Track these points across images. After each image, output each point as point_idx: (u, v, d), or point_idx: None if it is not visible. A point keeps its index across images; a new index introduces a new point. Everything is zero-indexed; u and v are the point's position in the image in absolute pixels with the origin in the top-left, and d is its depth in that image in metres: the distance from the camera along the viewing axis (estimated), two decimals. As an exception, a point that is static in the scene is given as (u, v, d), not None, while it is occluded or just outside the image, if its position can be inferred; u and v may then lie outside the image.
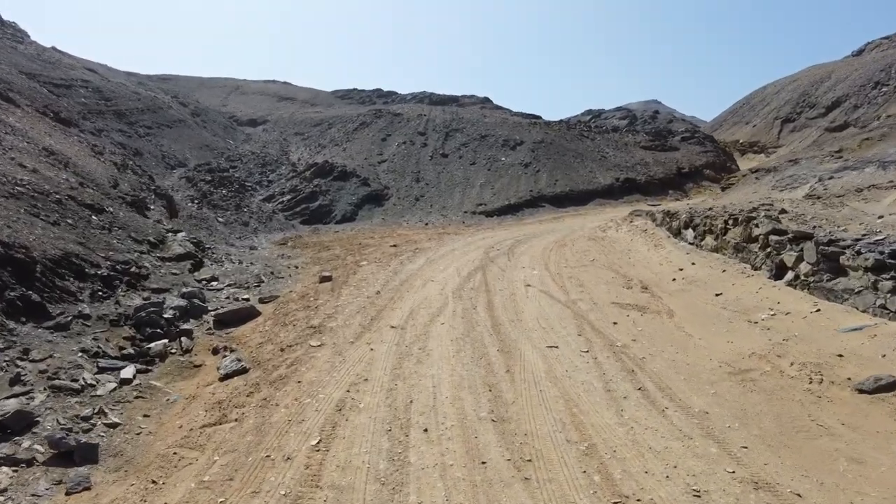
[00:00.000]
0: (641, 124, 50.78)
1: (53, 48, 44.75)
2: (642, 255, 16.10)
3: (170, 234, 16.30)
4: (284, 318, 10.98)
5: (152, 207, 21.42)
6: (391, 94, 51.11)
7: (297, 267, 16.87)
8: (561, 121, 42.62)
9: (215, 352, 9.63)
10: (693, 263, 14.40)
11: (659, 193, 31.65)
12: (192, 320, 11.41)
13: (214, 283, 14.17)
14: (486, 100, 45.67)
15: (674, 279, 13.36)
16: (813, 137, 41.59)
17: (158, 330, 9.89)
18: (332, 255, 18.71)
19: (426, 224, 27.20)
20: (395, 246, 19.50)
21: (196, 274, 14.63)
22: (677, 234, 16.98)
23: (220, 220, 25.98)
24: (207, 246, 19.39)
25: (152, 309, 10.31)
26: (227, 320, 11.23)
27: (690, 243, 16.05)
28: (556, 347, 8.93)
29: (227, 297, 13.16)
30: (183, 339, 9.78)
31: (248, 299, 13.09)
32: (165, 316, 10.40)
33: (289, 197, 29.35)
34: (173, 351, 9.43)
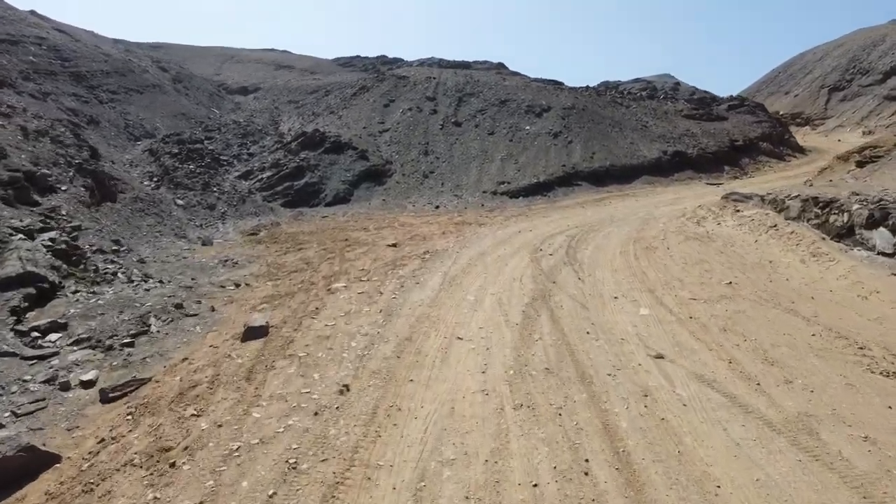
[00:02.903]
0: (664, 95, 42.75)
1: (32, 12, 36.90)
2: (806, 275, 8.72)
3: (18, 235, 8.96)
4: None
5: (63, 189, 14.23)
6: (396, 60, 42.98)
7: (234, 287, 9.56)
8: (587, 87, 34.79)
9: None
10: (943, 300, 7.06)
11: (713, 170, 24.12)
12: None
13: (52, 339, 6.87)
14: (501, 65, 37.64)
15: (944, 342, 6.04)
16: (870, 107, 33.69)
17: None
18: (301, 260, 11.38)
19: (437, 207, 19.79)
20: (394, 246, 12.13)
21: (28, 316, 7.34)
22: (844, 235, 9.60)
23: (178, 202, 18.65)
24: (119, 249, 12.14)
25: None
26: (-49, 494, 4.03)
27: (888, 255, 8.68)
28: None
29: (49, 380, 5.90)
30: None
31: (90, 383, 5.84)
32: None
33: (269, 173, 21.89)
34: None
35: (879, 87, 34.07)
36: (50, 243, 9.09)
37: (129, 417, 4.90)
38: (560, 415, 4.65)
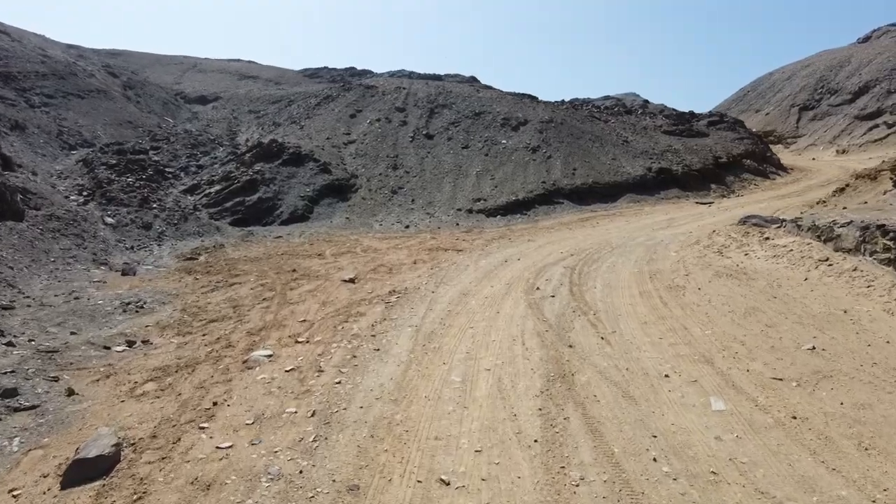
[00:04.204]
0: (641, 111, 40.91)
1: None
2: (910, 334, 6.17)
3: None
4: None
5: (-62, 204, 11.02)
6: (366, 72, 40.06)
7: (125, 348, 6.54)
8: (563, 101, 32.66)
9: None
10: None
11: (699, 188, 21.94)
12: None
13: None
14: (473, 79, 35.20)
15: None
16: (841, 126, 32.28)
17: None
18: (229, 302, 8.39)
19: (406, 227, 17.00)
20: (352, 282, 9.23)
21: None
22: (932, 274, 7.14)
23: (107, 220, 15.42)
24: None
25: None
26: None
27: None
28: None
29: None
30: None
31: None
32: None
33: (218, 187, 18.76)
34: None
35: (849, 107, 32.75)
36: None
37: None
38: None
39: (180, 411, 4.59)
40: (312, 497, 3.35)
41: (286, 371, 5.30)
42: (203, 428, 4.25)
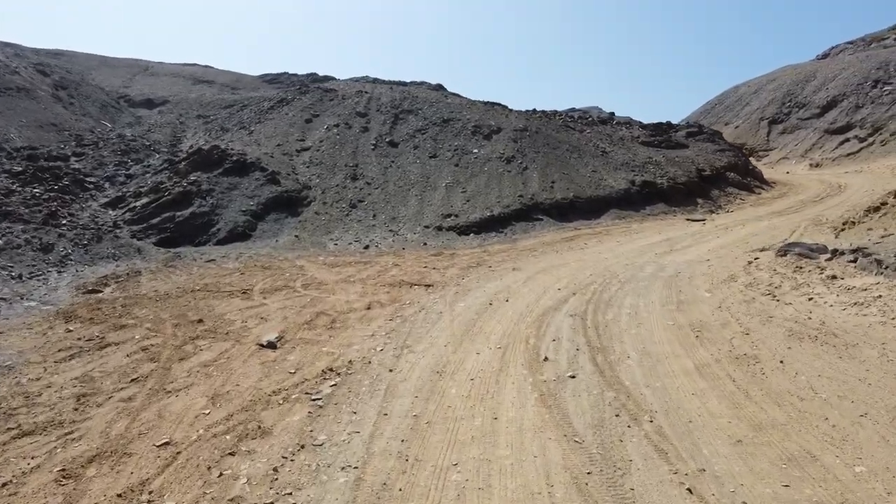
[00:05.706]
0: (616, 121, 38.74)
1: None
2: None
3: None
4: None
5: None
6: (328, 78, 36.85)
7: None
8: (534, 110, 30.15)
9: None
10: None
11: (686, 203, 19.55)
12: None
13: None
14: (440, 87, 32.47)
15: None
16: (812, 140, 30.67)
17: None
18: (80, 384, 5.16)
19: (366, 247, 13.92)
20: (272, 346, 6.12)
21: None
22: None
23: (-7, 241, 11.81)
24: None
25: None
26: None
27: None
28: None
29: None
30: None
31: None
32: None
33: (146, 200, 15.29)
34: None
35: (818, 121, 31.21)
36: None
37: None
38: None
39: None
40: None
41: None
42: None
